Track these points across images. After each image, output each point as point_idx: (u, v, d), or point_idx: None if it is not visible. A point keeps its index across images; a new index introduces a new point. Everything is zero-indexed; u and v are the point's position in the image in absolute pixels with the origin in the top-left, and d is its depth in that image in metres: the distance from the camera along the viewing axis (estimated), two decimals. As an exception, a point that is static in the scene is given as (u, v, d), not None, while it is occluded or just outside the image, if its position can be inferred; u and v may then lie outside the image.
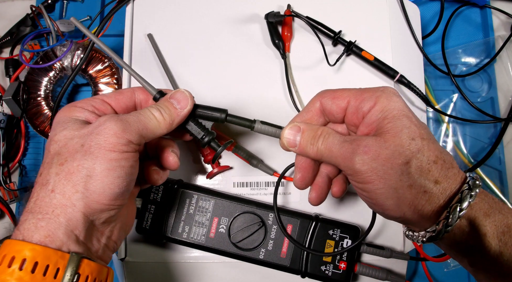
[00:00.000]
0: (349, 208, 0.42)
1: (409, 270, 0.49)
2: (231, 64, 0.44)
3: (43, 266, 0.24)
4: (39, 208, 0.26)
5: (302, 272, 0.39)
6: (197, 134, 0.32)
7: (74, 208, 0.26)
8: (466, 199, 0.26)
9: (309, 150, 0.30)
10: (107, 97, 0.32)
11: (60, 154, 0.27)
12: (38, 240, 0.25)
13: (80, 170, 0.26)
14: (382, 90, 0.29)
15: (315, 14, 0.44)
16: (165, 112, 0.30)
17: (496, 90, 0.51)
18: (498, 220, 0.26)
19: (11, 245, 0.25)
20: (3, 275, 0.24)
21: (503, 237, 0.26)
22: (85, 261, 0.26)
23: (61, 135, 0.28)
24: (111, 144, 0.27)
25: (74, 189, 0.26)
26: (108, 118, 0.28)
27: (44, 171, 0.28)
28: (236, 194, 0.42)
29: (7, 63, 0.52)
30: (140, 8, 0.45)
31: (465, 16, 0.55)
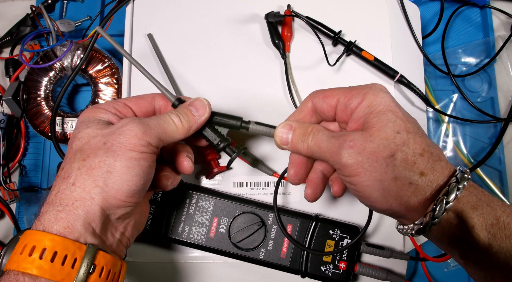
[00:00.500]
0: (349, 208, 0.42)
1: (409, 270, 0.49)
2: (231, 64, 0.44)
3: (62, 256, 0.25)
4: (59, 200, 0.27)
5: (302, 272, 0.39)
6: (213, 140, 0.34)
7: (92, 201, 0.27)
8: (453, 192, 0.26)
9: (300, 147, 0.31)
10: (129, 101, 0.34)
11: (82, 150, 0.29)
12: (58, 231, 0.26)
13: (101, 166, 0.28)
14: (369, 87, 0.30)
15: (315, 14, 0.44)
16: (184, 119, 0.32)
17: (496, 90, 0.51)
18: (486, 213, 0.27)
19: (32, 235, 0.26)
20: (24, 263, 0.25)
21: (491, 229, 0.26)
22: (100, 253, 0.27)
23: (84, 133, 0.30)
24: (132, 144, 0.28)
25: (94, 184, 0.27)
26: (130, 120, 0.29)
27: (66, 165, 0.29)
28: (236, 194, 0.42)
29: (7, 63, 0.52)
30: (140, 8, 0.45)
31: (465, 16, 0.55)
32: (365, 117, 0.29)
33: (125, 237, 0.31)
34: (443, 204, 0.26)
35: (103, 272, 0.27)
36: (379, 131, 0.28)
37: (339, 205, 0.42)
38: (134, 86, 0.44)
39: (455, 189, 0.26)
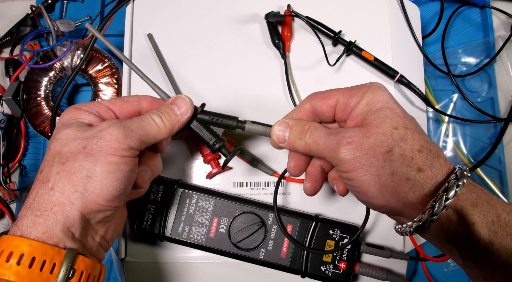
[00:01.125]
0: (349, 208, 0.42)
1: (409, 270, 0.49)
2: (231, 64, 0.44)
3: (40, 261, 0.25)
4: (38, 205, 0.27)
5: (302, 272, 0.39)
6: (208, 140, 0.34)
7: (72, 206, 0.27)
8: (452, 189, 0.26)
9: (298, 145, 0.31)
10: (113, 104, 0.33)
11: (61, 153, 0.28)
12: (36, 236, 0.26)
13: (81, 171, 0.27)
14: (368, 85, 0.30)
15: (315, 14, 0.44)
16: (166, 118, 0.31)
17: (496, 90, 0.51)
18: (486, 210, 0.26)
19: (9, 241, 0.26)
20: (1, 269, 0.25)
21: (492, 226, 0.26)
22: (80, 257, 0.27)
23: (63, 133, 0.29)
24: (112, 148, 0.28)
25: (73, 189, 0.27)
26: (111, 123, 0.29)
27: (45, 168, 0.28)
28: (236, 194, 0.42)
29: (7, 63, 0.52)
30: (140, 8, 0.45)
31: (465, 16, 0.55)
32: (364, 115, 0.29)
33: (104, 240, 0.31)
34: (442, 200, 0.26)
35: (83, 276, 0.27)
36: (377, 127, 0.28)
37: (339, 205, 0.42)
38: (134, 86, 0.44)
39: (455, 186, 0.26)
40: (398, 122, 0.28)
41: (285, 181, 0.42)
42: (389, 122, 0.28)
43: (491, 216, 0.26)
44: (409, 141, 0.28)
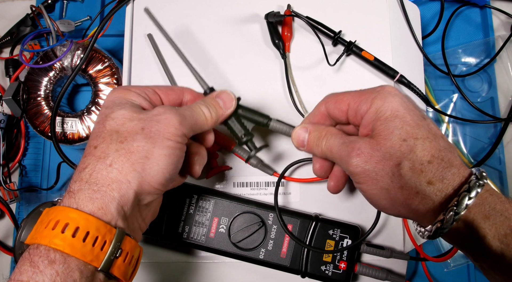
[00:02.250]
0: (349, 208, 0.42)
1: (409, 270, 0.49)
2: (231, 64, 0.44)
3: (93, 237, 0.25)
4: (95, 180, 0.27)
5: (302, 272, 0.39)
6: (238, 132, 0.35)
7: (128, 185, 0.27)
8: (463, 203, 0.26)
9: (315, 150, 0.33)
10: (159, 89, 0.34)
11: (119, 132, 0.28)
12: (92, 211, 0.26)
13: (139, 151, 0.28)
14: (378, 90, 0.30)
15: (315, 14, 0.44)
16: (212, 110, 0.32)
17: (496, 90, 0.51)
18: (499, 223, 0.26)
19: (65, 212, 0.26)
20: (56, 239, 0.24)
21: (505, 239, 0.26)
22: (127, 238, 0.27)
23: (119, 113, 0.29)
24: (169, 133, 0.28)
25: (132, 168, 0.27)
26: (167, 109, 0.29)
27: (101, 144, 0.28)
28: (236, 194, 0.42)
29: (7, 63, 0.52)
30: (140, 8, 0.45)
31: (465, 16, 0.55)
32: (373, 124, 0.29)
33: (144, 223, 0.32)
34: (452, 214, 0.26)
35: (127, 257, 0.27)
36: (385, 140, 0.28)
37: (339, 205, 0.42)
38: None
39: (466, 199, 0.26)
40: (407, 133, 0.27)
41: (285, 181, 0.42)
42: (398, 134, 0.27)
43: (504, 229, 0.26)
44: (419, 152, 0.27)
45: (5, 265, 0.50)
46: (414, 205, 0.28)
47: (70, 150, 0.50)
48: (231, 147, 0.41)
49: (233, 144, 0.41)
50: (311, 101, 0.43)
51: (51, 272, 0.23)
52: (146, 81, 0.44)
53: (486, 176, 0.27)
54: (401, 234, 0.42)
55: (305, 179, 0.41)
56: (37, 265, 0.24)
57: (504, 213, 0.26)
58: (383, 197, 0.28)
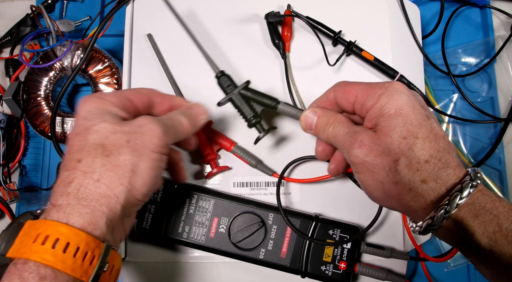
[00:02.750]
0: (349, 208, 0.42)
1: (409, 270, 0.49)
2: (231, 64, 0.44)
3: (83, 252, 0.25)
4: (84, 195, 0.27)
5: (302, 272, 0.39)
6: (247, 114, 0.36)
7: (116, 199, 0.27)
8: (454, 202, 0.27)
9: (321, 135, 0.34)
10: (129, 94, 0.33)
11: (104, 145, 0.28)
12: (82, 226, 0.26)
13: (126, 165, 0.28)
14: (386, 86, 0.30)
15: (315, 14, 0.44)
16: (190, 119, 0.33)
17: (496, 90, 0.51)
18: (488, 221, 0.27)
19: (54, 227, 0.25)
20: (47, 255, 0.24)
21: (493, 236, 0.26)
22: (112, 251, 0.27)
23: (101, 126, 0.29)
24: (154, 145, 0.29)
25: (119, 182, 0.27)
26: (149, 120, 0.30)
27: (85, 158, 0.28)
28: (236, 194, 0.42)
29: (7, 63, 0.52)
30: (140, 8, 0.45)
31: (465, 16, 0.55)
32: (377, 119, 0.30)
33: (124, 233, 0.32)
34: (442, 213, 0.27)
35: (113, 270, 0.27)
36: (386, 136, 0.28)
37: (339, 205, 0.42)
38: (134, 86, 0.44)
39: (457, 199, 0.27)
40: (408, 131, 0.28)
41: (285, 181, 0.42)
42: (399, 131, 0.28)
43: (492, 226, 0.27)
44: (417, 151, 0.28)
45: (5, 265, 0.50)
46: (405, 201, 0.29)
47: (70, 150, 0.50)
48: (230, 147, 0.41)
49: (233, 144, 0.41)
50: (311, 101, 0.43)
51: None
52: (146, 81, 0.44)
53: (480, 177, 0.28)
54: (401, 234, 0.42)
55: (305, 180, 0.41)
56: (27, 280, 0.23)
57: (493, 212, 0.27)
58: (378, 189, 0.29)
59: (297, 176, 0.42)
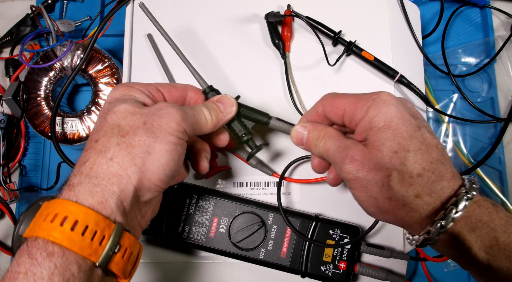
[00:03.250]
0: (349, 208, 0.42)
1: (409, 270, 0.49)
2: (231, 64, 0.44)
3: (92, 231, 0.25)
4: (95, 173, 0.26)
5: (302, 272, 0.39)
6: (238, 131, 0.36)
7: (128, 179, 0.27)
8: (449, 216, 0.26)
9: (313, 150, 0.33)
10: (162, 86, 0.34)
11: (120, 126, 0.28)
12: (91, 204, 0.25)
13: (141, 145, 0.27)
14: (374, 98, 0.29)
15: (315, 14, 0.44)
16: (213, 114, 0.33)
17: (496, 90, 0.51)
18: (484, 234, 0.26)
19: (65, 205, 0.25)
20: (54, 232, 0.24)
21: (490, 250, 0.26)
22: (126, 234, 0.27)
23: (121, 107, 0.29)
24: (171, 128, 0.28)
25: (132, 162, 0.27)
26: (170, 104, 0.29)
27: (102, 138, 0.28)
28: (236, 194, 0.42)
29: (7, 63, 0.52)
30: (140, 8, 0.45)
31: (465, 16, 0.55)
32: (367, 133, 0.29)
33: (143, 220, 0.31)
34: (438, 227, 0.26)
35: (126, 253, 0.27)
36: (377, 151, 0.28)
37: (339, 205, 0.42)
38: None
39: (452, 212, 0.26)
40: (399, 145, 0.27)
41: (285, 181, 0.42)
42: (389, 145, 0.27)
43: (489, 240, 0.26)
44: (410, 165, 0.27)
45: (4, 265, 0.50)
46: (400, 216, 0.28)
47: (70, 150, 0.50)
48: (231, 147, 0.41)
49: (233, 144, 0.41)
50: (311, 101, 0.43)
51: (49, 265, 0.23)
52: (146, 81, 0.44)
53: (476, 188, 0.27)
54: (401, 234, 0.42)
55: (305, 180, 0.41)
56: (35, 257, 0.23)
57: (490, 225, 0.26)
58: (371, 205, 0.29)
59: (297, 176, 0.42)
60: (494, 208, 0.27)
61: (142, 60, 0.44)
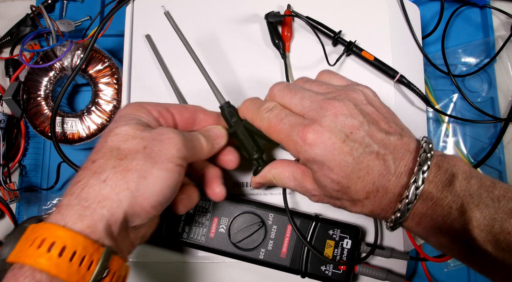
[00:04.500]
0: (349, 208, 0.42)
1: (409, 270, 0.49)
2: (231, 64, 0.44)
3: (80, 257, 0.24)
4: (86, 195, 0.26)
5: (302, 272, 0.39)
6: (250, 148, 0.35)
7: (119, 204, 0.26)
8: (396, 223, 0.28)
9: None
10: (173, 107, 0.34)
11: (120, 148, 0.28)
12: (81, 229, 0.25)
13: (137, 170, 0.27)
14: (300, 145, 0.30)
15: (315, 14, 0.44)
16: (209, 141, 0.33)
17: (496, 90, 0.51)
18: (428, 225, 0.28)
19: (52, 230, 0.25)
20: (41, 259, 0.24)
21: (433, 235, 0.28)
22: (115, 257, 0.26)
23: (122, 129, 0.29)
24: (171, 155, 0.28)
25: (125, 186, 0.26)
26: (170, 130, 0.30)
27: (99, 160, 0.28)
28: (236, 194, 0.42)
29: (7, 63, 0.52)
30: (140, 8, 0.45)
31: (465, 16, 0.55)
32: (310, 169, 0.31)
33: (131, 246, 0.31)
34: (391, 225, 0.29)
35: (115, 276, 0.26)
36: (323, 189, 0.31)
37: (339, 205, 0.42)
38: (134, 86, 0.44)
39: (398, 217, 0.28)
40: (338, 184, 0.29)
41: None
42: (330, 187, 0.29)
43: (434, 223, 0.28)
44: (354, 195, 0.29)
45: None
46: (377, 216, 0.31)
47: (70, 150, 0.50)
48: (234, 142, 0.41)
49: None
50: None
51: None
52: (146, 81, 0.44)
53: (429, 157, 0.27)
54: (401, 234, 0.42)
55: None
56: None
57: (436, 210, 0.27)
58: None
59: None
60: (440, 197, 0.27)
61: (142, 60, 0.44)
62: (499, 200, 0.26)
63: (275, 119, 0.31)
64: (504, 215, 0.25)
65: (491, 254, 0.25)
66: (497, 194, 0.26)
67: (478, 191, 0.26)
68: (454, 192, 0.26)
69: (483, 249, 0.25)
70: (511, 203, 0.26)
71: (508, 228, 0.25)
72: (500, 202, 0.26)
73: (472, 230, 0.25)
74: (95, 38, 0.43)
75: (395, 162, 0.28)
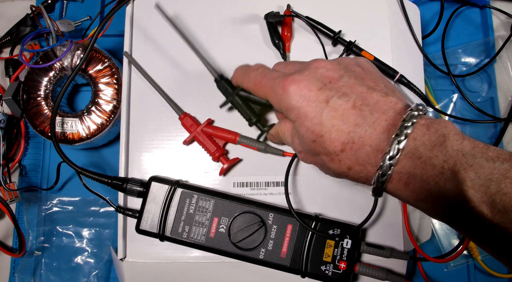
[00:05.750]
0: (349, 208, 0.42)
1: (409, 270, 0.49)
2: (231, 64, 0.44)
3: None
4: None
5: (302, 272, 0.39)
6: (246, 114, 0.39)
7: None
8: (379, 182, 0.27)
9: None
10: None
11: None
12: None
13: None
14: (280, 93, 0.31)
15: (315, 14, 0.44)
16: None
17: (496, 90, 0.51)
18: (417, 187, 0.26)
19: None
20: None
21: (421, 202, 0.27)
22: None
23: None
24: None
25: None
26: None
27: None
28: (236, 194, 0.42)
29: (7, 63, 0.52)
30: (140, 8, 0.45)
31: (465, 16, 0.55)
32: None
33: None
34: (374, 187, 0.28)
35: None
36: (303, 142, 0.31)
37: (339, 205, 0.42)
38: (134, 86, 0.44)
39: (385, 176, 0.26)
40: (313, 134, 0.29)
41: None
42: (307, 138, 0.30)
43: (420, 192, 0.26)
44: (330, 147, 0.28)
45: (5, 265, 0.50)
46: (350, 179, 0.31)
47: (70, 150, 0.50)
48: (235, 139, 0.41)
49: (237, 135, 0.41)
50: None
51: None
52: (146, 82, 0.44)
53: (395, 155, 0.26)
54: (401, 234, 0.42)
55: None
56: None
57: (423, 177, 0.26)
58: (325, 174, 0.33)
59: (301, 169, 0.42)
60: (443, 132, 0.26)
61: (142, 60, 0.44)
62: (493, 160, 0.24)
63: (260, 76, 0.33)
64: (500, 176, 0.23)
65: (486, 216, 0.23)
66: (491, 155, 0.24)
67: (472, 151, 0.25)
68: (445, 152, 0.25)
69: (478, 211, 0.23)
70: (506, 164, 0.24)
71: (504, 189, 0.23)
72: (495, 162, 0.24)
73: (467, 190, 0.24)
74: (95, 38, 0.43)
75: (373, 113, 0.28)
